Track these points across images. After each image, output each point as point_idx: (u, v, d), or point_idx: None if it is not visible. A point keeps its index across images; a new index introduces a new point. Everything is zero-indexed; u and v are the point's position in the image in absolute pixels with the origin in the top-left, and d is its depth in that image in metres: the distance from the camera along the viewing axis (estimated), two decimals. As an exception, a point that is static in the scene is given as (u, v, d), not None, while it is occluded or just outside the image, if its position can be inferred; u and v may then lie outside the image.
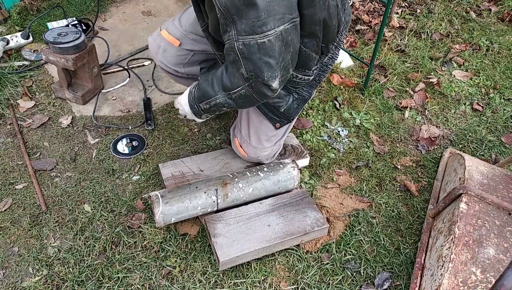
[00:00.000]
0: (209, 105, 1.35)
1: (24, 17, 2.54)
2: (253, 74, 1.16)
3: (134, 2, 2.87)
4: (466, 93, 2.27)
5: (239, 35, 1.09)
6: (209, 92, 1.31)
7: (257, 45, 1.10)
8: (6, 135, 1.91)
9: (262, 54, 1.12)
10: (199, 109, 1.40)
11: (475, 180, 1.52)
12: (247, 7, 1.05)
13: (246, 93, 1.24)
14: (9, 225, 1.57)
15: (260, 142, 1.64)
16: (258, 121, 1.62)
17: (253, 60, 1.13)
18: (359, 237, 1.58)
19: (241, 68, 1.17)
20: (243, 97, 1.26)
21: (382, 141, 1.99)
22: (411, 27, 2.69)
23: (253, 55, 1.12)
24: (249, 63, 1.14)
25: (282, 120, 1.59)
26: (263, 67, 1.14)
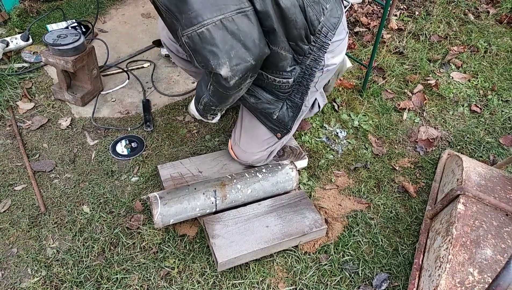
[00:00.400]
0: (202, 105, 1.42)
1: (24, 19, 2.55)
2: (203, 64, 1.23)
3: (134, 4, 2.88)
4: (464, 94, 2.28)
5: (183, 30, 1.17)
6: (199, 92, 1.42)
7: (198, 36, 1.17)
8: (5, 136, 1.91)
9: (204, 43, 1.18)
10: (199, 110, 1.50)
11: (472, 181, 1.52)
12: (181, 2, 1.13)
13: (213, 87, 1.31)
14: (8, 226, 1.57)
15: (250, 147, 1.65)
16: (250, 125, 1.63)
17: (198, 50, 1.19)
18: (357, 238, 1.59)
19: (194, 61, 1.24)
20: (214, 92, 1.33)
21: (380, 142, 1.99)
22: (410, 29, 2.70)
23: (197, 45, 1.18)
24: (197, 54, 1.21)
25: (281, 130, 1.60)
26: (208, 56, 1.20)
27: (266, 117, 1.57)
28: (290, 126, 1.59)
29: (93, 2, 2.73)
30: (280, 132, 1.61)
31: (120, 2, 2.87)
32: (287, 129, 1.60)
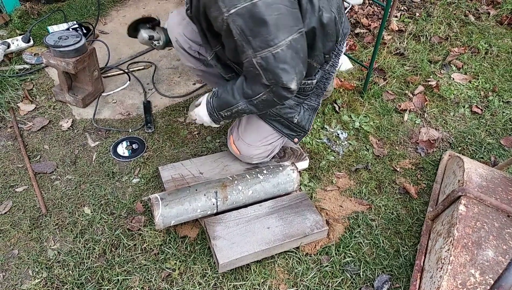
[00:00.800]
0: (231, 112, 1.47)
1: (25, 21, 2.55)
2: (273, 81, 1.30)
3: (135, 6, 2.88)
4: (465, 96, 2.28)
5: (256, 51, 1.25)
6: (230, 100, 1.44)
7: (273, 56, 1.25)
8: (6, 138, 1.91)
9: (278, 62, 1.26)
10: (219, 116, 1.52)
11: (474, 182, 1.52)
12: (259, 26, 1.21)
13: (268, 98, 1.37)
14: (9, 228, 1.57)
15: (254, 141, 1.66)
16: (256, 120, 1.64)
17: (271, 69, 1.27)
18: (358, 240, 1.59)
19: (262, 78, 1.31)
20: (264, 101, 1.39)
21: (381, 143, 1.99)
22: (410, 30, 2.70)
23: (270, 65, 1.26)
24: (269, 73, 1.28)
25: (299, 133, 1.69)
26: (280, 74, 1.28)
27: (286, 123, 1.64)
28: (307, 129, 1.68)
29: (94, 4, 2.73)
30: (298, 136, 1.70)
31: (121, 4, 2.88)
32: (304, 132, 1.69)
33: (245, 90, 1.40)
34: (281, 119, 1.62)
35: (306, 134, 1.70)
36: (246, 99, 1.41)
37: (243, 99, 1.42)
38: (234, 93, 1.43)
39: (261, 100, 1.39)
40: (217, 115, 1.52)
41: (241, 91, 1.41)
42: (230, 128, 1.78)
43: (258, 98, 1.38)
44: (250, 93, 1.39)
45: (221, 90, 1.48)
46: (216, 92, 1.50)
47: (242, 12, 1.19)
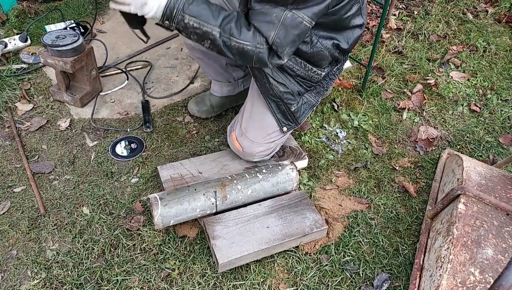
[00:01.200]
0: (196, 25, 1.26)
1: (22, 20, 2.54)
2: (278, 41, 1.27)
3: (132, 4, 2.87)
4: (463, 94, 2.28)
5: (294, 8, 1.23)
6: (209, 18, 1.26)
7: (300, 25, 1.26)
8: (4, 138, 1.90)
9: (297, 32, 1.27)
10: (179, 18, 1.26)
11: (473, 181, 1.52)
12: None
13: (249, 51, 1.29)
14: (7, 229, 1.56)
15: (258, 137, 1.65)
16: (259, 116, 1.63)
17: (288, 32, 1.26)
18: (358, 239, 1.59)
19: (272, 31, 1.26)
20: (241, 51, 1.30)
21: (380, 142, 1.99)
22: (409, 28, 2.70)
23: (293, 29, 1.26)
24: (283, 32, 1.26)
25: (289, 124, 1.65)
26: (289, 43, 1.28)
27: (283, 107, 1.60)
28: (300, 122, 1.67)
29: (91, 3, 2.72)
30: (287, 126, 1.65)
31: (119, 3, 2.86)
32: (296, 124, 1.66)
33: (231, 26, 1.27)
34: (279, 102, 1.58)
35: (296, 126, 1.68)
36: (223, 33, 1.27)
37: (219, 29, 1.27)
38: (219, 17, 1.27)
39: (239, 46, 1.28)
40: (176, 17, 1.26)
41: (227, 23, 1.27)
42: (231, 125, 1.78)
43: (239, 43, 1.28)
44: (234, 33, 1.27)
45: (206, 2, 1.29)
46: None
47: None
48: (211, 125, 2.02)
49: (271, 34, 1.27)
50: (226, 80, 1.95)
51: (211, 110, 2.01)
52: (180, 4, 1.25)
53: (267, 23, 1.27)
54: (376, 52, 2.49)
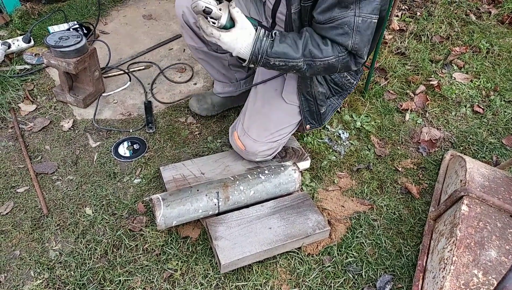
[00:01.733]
0: (284, 62, 1.35)
1: (25, 21, 2.55)
2: (357, 46, 1.32)
3: (135, 6, 2.88)
4: (466, 95, 2.27)
5: (362, 12, 1.28)
6: (291, 53, 1.34)
7: (370, 23, 1.30)
8: (7, 138, 1.91)
9: (370, 31, 1.32)
10: (265, 61, 1.35)
11: (476, 182, 1.52)
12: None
13: (334, 63, 1.36)
14: (10, 229, 1.57)
15: (260, 136, 1.65)
16: (263, 114, 1.64)
17: (363, 34, 1.31)
18: (360, 240, 1.58)
19: (349, 40, 1.31)
20: (326, 66, 1.37)
21: (383, 143, 1.99)
22: (411, 29, 2.69)
23: (366, 30, 1.31)
24: (358, 37, 1.31)
25: (313, 123, 1.72)
26: (366, 43, 1.33)
27: (313, 108, 1.66)
28: (323, 123, 1.74)
29: (94, 4, 2.73)
30: (311, 125, 1.72)
31: (122, 4, 2.87)
32: (319, 124, 1.73)
33: (310, 49, 1.33)
34: (311, 101, 1.63)
35: (319, 126, 1.75)
36: (306, 58, 1.34)
37: (303, 57, 1.34)
38: (298, 47, 1.33)
39: (326, 63, 1.35)
40: (262, 58, 1.33)
41: (305, 48, 1.33)
42: (232, 125, 1.78)
43: (324, 61, 1.34)
44: (316, 54, 1.33)
45: (280, 36, 1.34)
46: (273, 34, 1.34)
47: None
48: (213, 126, 2.02)
49: (349, 43, 1.32)
50: (229, 80, 1.95)
51: (212, 109, 2.01)
52: (263, 49, 1.32)
53: (341, 35, 1.31)
54: (379, 53, 2.48)
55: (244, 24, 1.30)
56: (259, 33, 1.31)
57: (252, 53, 1.32)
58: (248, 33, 1.30)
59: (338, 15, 1.28)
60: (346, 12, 1.27)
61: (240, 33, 1.29)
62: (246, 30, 1.30)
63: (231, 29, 1.29)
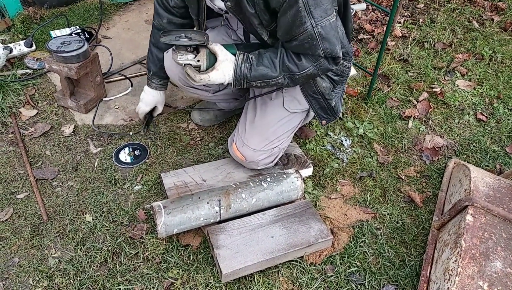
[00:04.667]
0: (265, 83, 1.44)
1: (27, 26, 2.54)
2: (329, 50, 1.35)
3: (137, 10, 2.88)
4: (469, 102, 2.26)
5: (317, 21, 1.29)
6: (269, 74, 1.42)
7: (330, 24, 1.32)
8: (8, 143, 1.90)
9: (334, 31, 1.34)
10: (248, 84, 1.45)
11: (480, 191, 1.50)
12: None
13: (313, 72, 1.41)
14: (10, 235, 1.55)
15: (259, 145, 1.64)
16: (260, 123, 1.64)
17: (329, 38, 1.33)
18: (363, 249, 1.57)
19: (318, 49, 1.34)
20: (307, 76, 1.43)
21: (385, 151, 1.98)
22: (414, 36, 2.69)
23: (329, 33, 1.32)
24: (326, 42, 1.33)
25: (329, 117, 1.71)
26: (335, 42, 1.35)
27: (323, 103, 1.66)
28: (338, 113, 1.73)
29: (96, 9, 2.73)
30: (327, 119, 1.72)
31: (124, 9, 2.87)
32: (335, 116, 1.72)
33: (287, 65, 1.40)
34: (320, 98, 1.63)
35: (335, 119, 1.73)
36: (286, 73, 1.41)
37: (282, 73, 1.41)
38: (276, 66, 1.41)
39: (305, 75, 1.41)
40: (245, 82, 1.44)
41: (282, 66, 1.40)
42: (231, 136, 1.77)
43: (302, 73, 1.40)
44: (293, 69, 1.40)
45: (256, 60, 1.42)
46: (250, 59, 1.42)
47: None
48: (215, 132, 2.01)
49: (319, 52, 1.35)
50: (233, 98, 1.94)
51: (214, 119, 2.01)
52: (243, 74, 1.42)
53: (309, 48, 1.34)
54: (382, 60, 2.48)
55: (224, 56, 1.41)
56: (238, 60, 1.42)
57: (235, 80, 1.43)
58: (230, 62, 1.42)
59: (297, 32, 1.31)
60: (303, 27, 1.29)
61: (223, 66, 1.41)
62: (227, 61, 1.41)
63: (215, 65, 1.41)
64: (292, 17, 1.27)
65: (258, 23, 1.39)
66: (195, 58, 1.40)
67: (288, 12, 1.27)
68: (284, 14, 1.29)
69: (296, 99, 1.65)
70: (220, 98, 1.89)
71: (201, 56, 1.40)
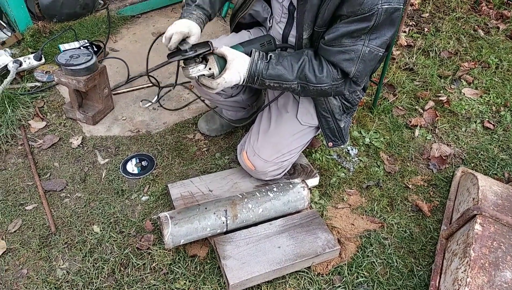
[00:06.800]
0: (278, 84, 1.40)
1: (37, 39, 2.59)
2: (359, 74, 1.35)
3: (145, 23, 2.92)
4: (476, 111, 2.25)
5: (370, 43, 1.30)
6: (286, 76, 1.38)
7: (376, 55, 1.32)
8: (17, 155, 1.92)
9: (373, 62, 1.35)
10: (261, 82, 1.40)
11: (489, 200, 1.49)
12: (388, 28, 1.29)
13: (327, 90, 1.40)
14: (18, 247, 1.56)
15: (271, 156, 1.64)
16: (275, 135, 1.63)
17: (366, 63, 1.33)
18: (371, 259, 1.55)
19: (353, 67, 1.33)
20: (319, 92, 1.41)
21: (392, 160, 1.97)
22: (419, 45, 2.69)
23: (370, 61, 1.33)
24: (362, 66, 1.33)
25: (336, 140, 1.70)
26: (367, 71, 1.37)
27: (332, 124, 1.65)
28: (346, 139, 1.73)
29: (104, 22, 2.77)
30: (334, 142, 1.71)
31: (131, 22, 2.92)
32: (342, 141, 1.71)
33: (306, 73, 1.37)
34: (329, 118, 1.63)
35: (342, 144, 1.72)
36: (301, 81, 1.38)
37: (297, 80, 1.38)
38: (294, 70, 1.37)
39: (319, 89, 1.39)
40: (258, 80, 1.38)
41: (301, 73, 1.37)
42: (241, 144, 1.77)
43: (317, 86, 1.38)
44: (311, 79, 1.37)
45: (276, 59, 1.38)
46: (269, 57, 1.38)
47: (389, 10, 1.23)
48: (221, 143, 2.02)
49: (352, 70, 1.34)
50: (240, 107, 1.95)
51: (221, 129, 2.02)
52: (258, 71, 1.37)
53: (347, 60, 1.33)
54: (387, 69, 2.48)
55: (232, 54, 1.37)
56: (254, 57, 1.38)
57: (249, 75, 1.38)
58: (242, 59, 1.37)
59: (347, 43, 1.30)
60: (356, 41, 1.29)
61: (234, 64, 1.35)
62: (238, 58, 1.37)
63: (226, 66, 1.36)
64: (354, 29, 1.26)
65: (311, 20, 1.36)
66: (206, 68, 1.39)
67: (354, 23, 1.26)
68: (349, 23, 1.27)
69: (310, 113, 1.65)
70: (230, 104, 1.89)
71: (211, 63, 1.38)
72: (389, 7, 1.22)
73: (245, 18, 1.69)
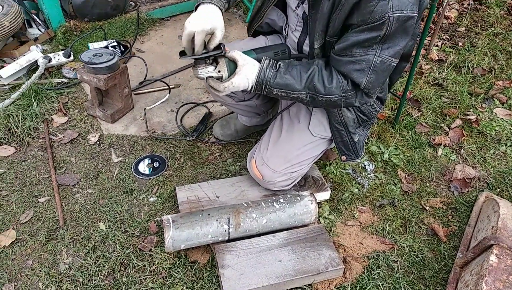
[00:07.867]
0: (286, 94, 1.37)
1: (68, 37, 2.68)
2: (370, 85, 1.30)
3: (173, 26, 2.96)
4: (507, 133, 2.12)
5: (383, 53, 1.25)
6: (294, 86, 1.35)
7: (388, 66, 1.28)
8: (37, 148, 1.98)
9: (386, 74, 1.31)
10: (269, 91, 1.37)
11: (509, 230, 1.38)
12: (401, 38, 1.23)
13: (336, 101, 1.35)
14: (27, 238, 1.60)
15: (279, 167, 1.60)
16: (285, 146, 1.59)
17: (379, 75, 1.29)
18: (377, 282, 1.48)
19: (364, 78, 1.28)
20: (328, 103, 1.36)
21: (410, 179, 1.88)
22: (451, 60, 2.57)
23: (383, 72, 1.29)
24: (374, 76, 1.28)
25: (349, 155, 1.64)
26: (380, 82, 1.32)
27: (346, 138, 1.60)
28: (360, 154, 1.66)
29: (134, 23, 2.83)
30: (347, 156, 1.65)
31: (160, 24, 2.96)
32: (356, 155, 1.65)
33: (315, 83, 1.33)
34: (342, 131, 1.58)
35: (356, 158, 1.65)
36: (310, 92, 1.34)
37: (306, 90, 1.34)
38: (302, 80, 1.33)
39: (328, 100, 1.34)
40: (266, 88, 1.35)
41: (310, 83, 1.33)
42: (251, 151, 1.74)
43: (326, 97, 1.34)
44: (320, 90, 1.33)
45: (285, 68, 1.35)
46: (278, 66, 1.35)
47: (402, 18, 1.18)
48: (234, 149, 2.00)
49: (363, 81, 1.29)
50: (256, 113, 1.93)
51: (235, 135, 2.00)
52: (266, 79, 1.35)
53: (357, 71, 1.28)
54: (414, 83, 2.39)
55: (243, 60, 1.34)
56: (263, 64, 1.35)
57: (257, 83, 1.35)
58: (252, 65, 1.34)
59: (358, 52, 1.25)
60: (367, 51, 1.24)
61: (244, 70, 1.33)
62: (248, 64, 1.34)
63: (236, 70, 1.34)
64: (365, 38, 1.22)
65: (322, 29, 1.32)
66: (216, 70, 1.37)
67: (364, 32, 1.21)
68: (359, 32, 1.22)
69: (323, 125, 1.60)
70: (242, 108, 1.86)
71: (221, 66, 1.37)
72: (401, 15, 1.16)
73: (263, 27, 1.67)
